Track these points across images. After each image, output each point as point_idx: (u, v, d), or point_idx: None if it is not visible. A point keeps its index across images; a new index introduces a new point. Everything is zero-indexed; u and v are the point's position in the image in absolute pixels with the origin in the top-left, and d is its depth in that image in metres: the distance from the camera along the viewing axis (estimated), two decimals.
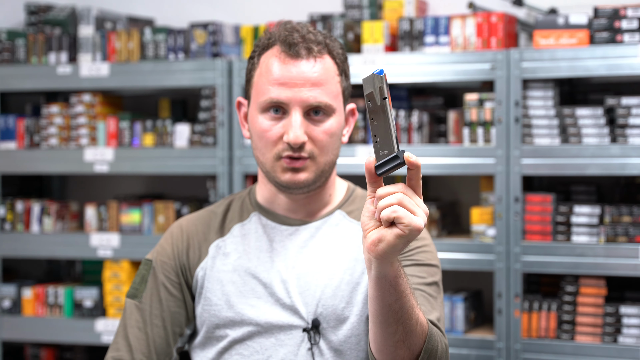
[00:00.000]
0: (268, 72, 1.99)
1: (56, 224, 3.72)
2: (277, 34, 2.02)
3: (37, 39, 3.73)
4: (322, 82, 1.99)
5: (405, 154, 1.55)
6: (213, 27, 3.55)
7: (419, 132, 3.30)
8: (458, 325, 3.23)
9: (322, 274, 2.02)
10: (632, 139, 3.04)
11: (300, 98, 1.97)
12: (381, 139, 1.56)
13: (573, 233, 3.11)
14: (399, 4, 3.45)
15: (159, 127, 3.60)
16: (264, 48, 2.03)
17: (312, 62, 1.99)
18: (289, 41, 1.99)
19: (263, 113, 2.00)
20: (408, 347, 1.74)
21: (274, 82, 1.98)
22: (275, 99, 1.97)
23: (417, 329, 1.74)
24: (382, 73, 1.56)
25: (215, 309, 2.03)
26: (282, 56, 1.99)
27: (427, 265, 2.01)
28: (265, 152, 2.01)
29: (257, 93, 2.01)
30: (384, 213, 1.55)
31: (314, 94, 1.98)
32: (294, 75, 1.98)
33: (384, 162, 1.56)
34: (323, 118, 2.00)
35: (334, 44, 2.04)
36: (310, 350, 1.99)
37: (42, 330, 3.67)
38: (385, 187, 1.58)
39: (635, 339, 3.03)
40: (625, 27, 3.06)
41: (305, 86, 1.97)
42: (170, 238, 2.12)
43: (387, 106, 1.55)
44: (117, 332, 2.06)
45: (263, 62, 2.02)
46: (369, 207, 1.60)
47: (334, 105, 2.01)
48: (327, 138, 2.00)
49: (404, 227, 1.55)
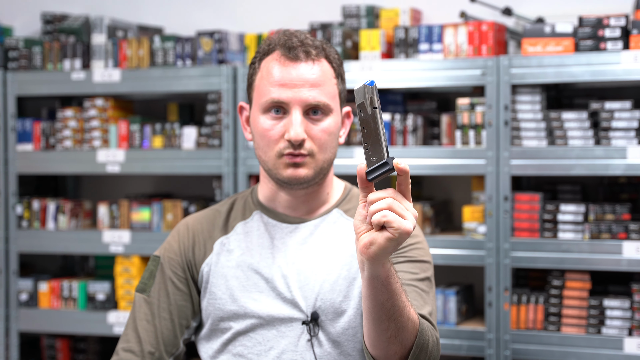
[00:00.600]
0: (269, 75, 2.00)
1: (70, 222, 3.73)
2: (277, 39, 2.03)
3: (52, 47, 3.73)
4: (320, 83, 2.00)
5: (394, 160, 1.56)
6: (218, 35, 3.55)
7: (413, 135, 3.31)
8: (451, 317, 3.24)
9: (320, 269, 2.03)
10: (614, 141, 3.04)
11: (300, 98, 1.98)
12: (372, 146, 1.58)
13: (559, 230, 3.11)
14: (394, 14, 3.45)
15: (167, 130, 3.60)
16: (264, 54, 2.04)
17: (311, 65, 2.00)
18: (288, 45, 2.00)
19: (265, 113, 2.01)
20: (400, 342, 1.76)
21: (274, 84, 1.99)
22: (277, 99, 1.98)
23: (408, 325, 1.75)
24: (372, 84, 1.57)
25: (220, 302, 2.05)
26: (282, 59, 2.00)
27: (420, 262, 2.02)
28: (267, 150, 2.01)
29: (259, 95, 2.02)
30: (375, 217, 1.57)
31: (313, 94, 1.98)
32: (293, 76, 1.99)
33: (374, 169, 1.58)
34: (321, 117, 2.01)
35: (330, 49, 2.05)
36: (309, 341, 2.00)
37: (57, 322, 3.68)
38: (376, 192, 1.59)
39: (617, 330, 3.04)
40: (609, 36, 3.06)
41: (305, 87, 1.98)
42: (177, 235, 2.13)
43: (377, 115, 1.57)
44: (127, 324, 2.07)
45: (264, 67, 2.03)
46: (361, 211, 1.61)
47: (331, 105, 2.02)
48: (325, 136, 2.01)
49: (393, 231, 1.56)
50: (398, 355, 1.79)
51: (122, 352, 2.05)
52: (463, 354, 3.22)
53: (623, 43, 3.06)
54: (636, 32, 3.01)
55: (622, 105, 3.06)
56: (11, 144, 3.75)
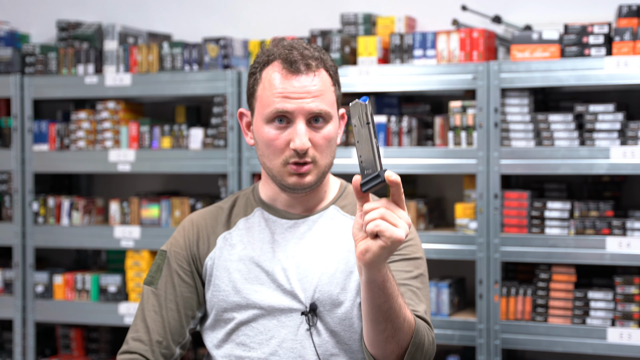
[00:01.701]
0: (271, 86, 1.98)
1: (84, 218, 3.73)
2: (277, 52, 2.01)
3: (67, 53, 3.73)
4: (321, 92, 1.99)
5: (386, 172, 1.57)
6: (224, 42, 3.55)
7: (408, 136, 3.30)
8: (443, 309, 3.23)
9: (319, 262, 2.02)
10: (598, 142, 3.04)
11: (304, 108, 1.97)
12: (365, 159, 1.60)
13: (546, 226, 3.11)
14: (390, 21, 3.44)
15: (175, 131, 3.59)
16: (264, 64, 2.02)
17: (312, 77, 1.98)
18: (289, 59, 1.98)
19: (269, 123, 1.99)
20: (397, 342, 1.78)
21: (278, 95, 1.97)
22: (281, 109, 1.97)
23: (404, 326, 1.77)
24: (366, 101, 1.58)
25: (224, 294, 2.04)
26: (284, 72, 1.98)
27: (414, 259, 2.02)
28: (273, 158, 2.00)
29: (262, 105, 2.00)
30: (369, 227, 1.60)
31: (315, 104, 1.97)
32: (296, 88, 1.97)
33: (367, 180, 1.60)
34: (323, 125, 2.00)
35: (326, 57, 2.04)
36: (308, 331, 1.99)
37: (71, 313, 3.67)
38: (370, 202, 1.62)
39: (601, 321, 3.03)
40: (592, 42, 3.05)
41: (307, 97, 1.97)
42: (182, 231, 2.12)
43: (370, 130, 1.58)
44: (136, 315, 2.07)
45: (265, 78, 2.00)
46: (359, 220, 1.64)
47: (331, 112, 2.01)
48: (326, 143, 2.00)
49: (386, 239, 1.59)
50: (395, 354, 1.81)
51: (131, 342, 2.05)
52: (455, 344, 3.22)
53: (606, 49, 3.05)
54: (618, 39, 3.01)
55: (606, 108, 3.05)
56: (28, 144, 3.74)
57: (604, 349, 3.01)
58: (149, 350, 2.03)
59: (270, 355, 2.00)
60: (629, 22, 3.05)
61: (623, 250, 2.99)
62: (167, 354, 2.05)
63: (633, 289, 3.01)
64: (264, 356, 2.00)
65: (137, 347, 2.03)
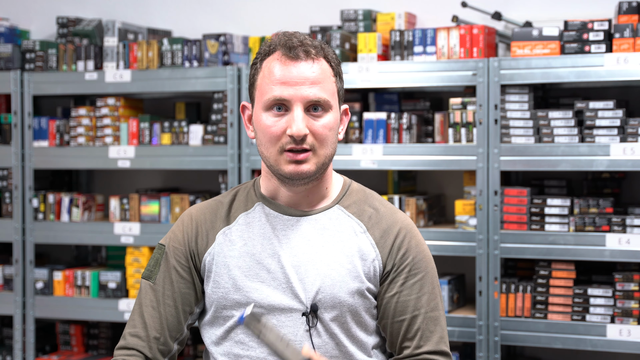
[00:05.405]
0: (270, 74, 1.96)
1: (83, 214, 3.72)
2: (277, 41, 1.99)
3: (67, 49, 3.72)
4: (320, 80, 1.96)
5: None
6: (224, 38, 3.55)
7: (408, 132, 3.29)
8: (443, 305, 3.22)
9: (321, 263, 1.99)
10: (598, 139, 3.03)
11: (301, 95, 1.94)
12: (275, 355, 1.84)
13: (546, 223, 3.10)
14: (390, 18, 3.44)
15: (175, 128, 3.59)
16: (265, 55, 2.00)
17: (311, 63, 1.96)
18: (288, 45, 1.96)
19: (267, 111, 1.97)
20: None
21: (276, 82, 1.95)
22: (279, 96, 1.94)
23: None
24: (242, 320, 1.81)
25: (223, 291, 2.01)
26: (283, 59, 1.96)
27: (428, 293, 2.01)
28: (269, 146, 1.97)
29: (261, 93, 1.98)
30: None
31: (314, 91, 1.94)
32: (294, 74, 1.94)
33: None
34: (322, 113, 1.96)
35: (328, 49, 2.01)
36: (308, 331, 1.97)
37: (71, 309, 3.67)
38: None
39: (600, 317, 3.03)
40: (593, 39, 3.05)
41: (305, 84, 1.94)
42: (181, 225, 2.09)
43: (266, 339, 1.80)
44: (134, 310, 2.05)
45: (265, 66, 1.98)
46: None
47: (331, 101, 1.97)
48: (326, 131, 1.97)
49: None
50: None
51: (129, 337, 2.03)
52: (455, 340, 3.22)
53: (606, 46, 3.05)
54: (618, 36, 3.00)
55: (606, 104, 3.05)
56: (28, 140, 3.73)
57: (604, 345, 3.00)
58: (146, 346, 2.01)
59: (269, 355, 1.98)
60: (629, 18, 3.05)
61: (623, 247, 2.98)
62: (164, 350, 2.03)
63: (633, 286, 3.00)
64: (263, 355, 1.98)
65: (135, 342, 2.01)
